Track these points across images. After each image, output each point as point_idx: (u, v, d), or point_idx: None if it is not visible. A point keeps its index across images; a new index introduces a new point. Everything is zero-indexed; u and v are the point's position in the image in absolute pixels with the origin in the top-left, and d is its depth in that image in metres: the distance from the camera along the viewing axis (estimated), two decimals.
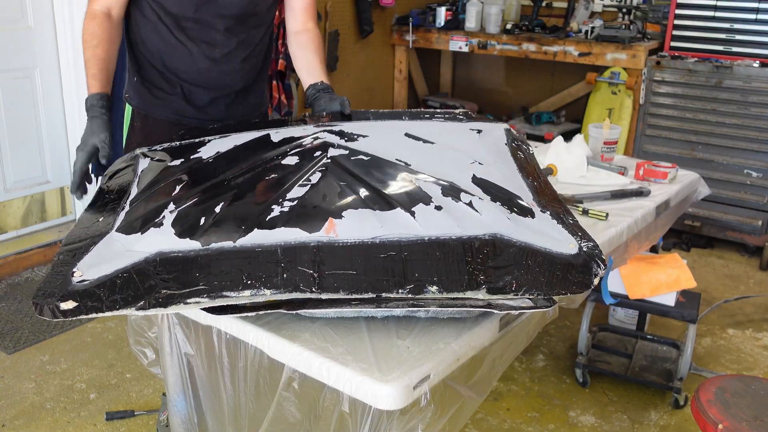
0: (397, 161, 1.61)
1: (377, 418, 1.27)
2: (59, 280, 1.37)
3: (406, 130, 1.80)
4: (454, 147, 1.74)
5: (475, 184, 1.56)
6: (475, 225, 1.42)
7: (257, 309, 1.35)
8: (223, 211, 1.45)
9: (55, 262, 1.44)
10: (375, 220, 1.40)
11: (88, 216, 1.61)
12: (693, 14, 3.89)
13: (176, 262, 1.36)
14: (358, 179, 1.53)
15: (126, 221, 1.49)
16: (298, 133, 1.76)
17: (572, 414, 2.57)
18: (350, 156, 1.62)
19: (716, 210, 3.92)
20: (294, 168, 1.58)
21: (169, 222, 1.45)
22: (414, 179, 1.54)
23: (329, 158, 1.60)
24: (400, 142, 1.72)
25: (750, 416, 1.69)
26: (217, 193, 1.52)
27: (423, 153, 1.68)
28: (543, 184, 1.71)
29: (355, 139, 1.71)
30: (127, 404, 2.58)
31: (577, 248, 1.45)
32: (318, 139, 1.70)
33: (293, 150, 1.66)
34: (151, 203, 1.53)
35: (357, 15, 4.60)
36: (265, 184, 1.55)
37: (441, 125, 1.90)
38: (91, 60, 1.81)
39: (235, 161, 1.66)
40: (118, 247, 1.42)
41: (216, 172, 1.61)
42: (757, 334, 3.13)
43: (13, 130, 3.46)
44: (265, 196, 1.49)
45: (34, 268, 3.57)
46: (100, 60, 1.81)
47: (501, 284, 1.35)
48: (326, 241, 1.36)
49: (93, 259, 1.40)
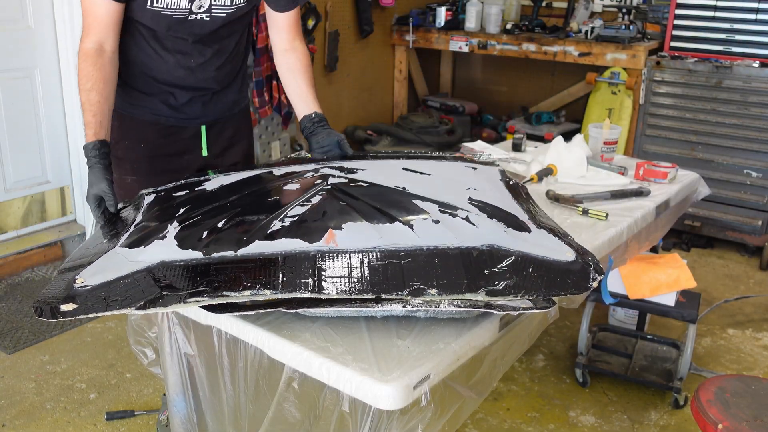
0: (395, 187, 1.67)
1: (377, 418, 1.28)
2: (61, 286, 1.41)
3: (403, 166, 1.87)
4: (450, 178, 1.81)
5: (471, 204, 1.61)
6: (473, 237, 1.45)
7: (257, 308, 1.36)
8: (225, 226, 1.51)
9: (55, 278, 1.48)
10: (374, 232, 1.43)
11: (91, 240, 1.66)
12: (693, 14, 3.89)
13: (178, 269, 1.40)
14: (358, 200, 1.58)
15: (130, 239, 1.54)
16: (300, 169, 1.83)
17: (572, 414, 2.57)
18: (350, 183, 1.68)
19: (716, 210, 3.92)
20: (295, 192, 1.64)
21: (172, 235, 1.50)
22: (411, 200, 1.59)
23: (329, 185, 1.66)
24: (397, 174, 1.78)
25: (750, 416, 1.69)
26: (220, 212, 1.58)
27: (420, 182, 1.74)
28: (539, 212, 1.77)
29: (354, 171, 1.77)
30: (127, 404, 2.58)
31: (574, 256, 1.47)
32: (319, 172, 1.77)
33: (294, 180, 1.74)
34: (155, 223, 1.59)
35: (357, 15, 4.60)
36: (266, 205, 1.60)
37: (437, 163, 1.99)
38: (85, 105, 1.79)
39: (238, 190, 1.74)
40: (121, 259, 1.46)
41: (219, 198, 1.68)
42: (757, 334, 3.13)
43: (13, 130, 3.46)
44: (266, 214, 1.54)
45: (34, 268, 3.57)
46: (93, 104, 1.79)
47: (500, 288, 1.36)
48: (326, 250, 1.39)
49: (95, 269, 1.45)
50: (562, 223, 2.05)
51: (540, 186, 2.38)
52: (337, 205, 1.55)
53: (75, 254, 1.58)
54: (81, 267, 1.47)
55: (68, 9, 3.44)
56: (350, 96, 4.79)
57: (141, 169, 2.03)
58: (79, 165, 3.69)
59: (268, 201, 1.63)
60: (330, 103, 4.49)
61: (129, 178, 2.06)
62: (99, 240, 1.61)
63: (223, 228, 1.50)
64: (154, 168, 1.85)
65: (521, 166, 2.55)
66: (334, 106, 4.61)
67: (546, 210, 2.15)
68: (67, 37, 3.49)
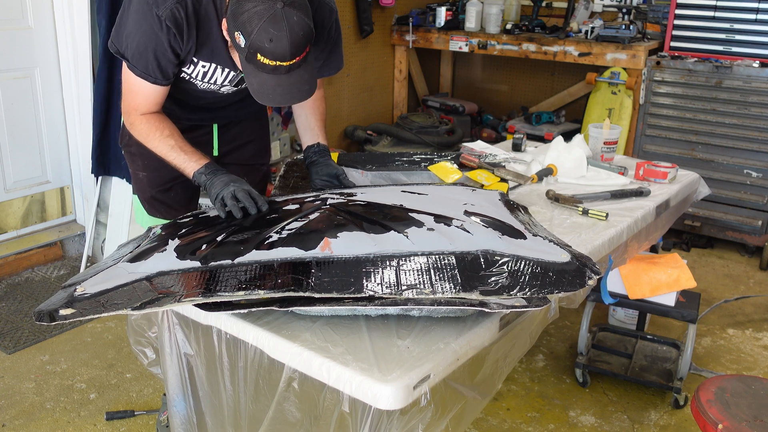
0: (392, 204, 1.70)
1: (377, 418, 1.28)
2: (62, 296, 1.47)
3: (401, 189, 1.91)
4: (447, 197, 1.84)
5: (466, 215, 1.63)
6: (468, 243, 1.48)
7: (251, 306, 1.38)
8: (223, 240, 1.55)
9: (57, 292, 1.53)
10: (369, 240, 1.46)
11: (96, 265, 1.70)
12: (693, 14, 3.89)
13: (175, 277, 1.44)
14: (355, 215, 1.61)
15: (132, 255, 1.59)
16: (300, 196, 1.89)
17: (572, 414, 2.57)
18: (348, 203, 1.71)
19: (716, 210, 3.92)
20: (294, 211, 1.68)
21: (172, 248, 1.55)
22: (407, 213, 1.62)
23: (327, 204, 1.70)
24: (395, 195, 1.82)
25: (750, 416, 1.69)
26: (220, 229, 1.62)
27: (417, 199, 1.77)
28: (537, 225, 1.79)
29: (353, 195, 1.81)
30: (127, 404, 2.58)
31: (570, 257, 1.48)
32: (319, 197, 1.81)
33: (294, 202, 1.78)
34: (156, 241, 1.64)
35: (357, 15, 4.60)
36: (265, 222, 1.64)
37: (436, 186, 2.04)
38: (174, 148, 1.85)
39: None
40: (122, 271, 1.51)
41: (220, 219, 1.72)
42: (757, 334, 3.13)
43: (13, 130, 3.46)
44: (265, 228, 1.57)
45: (34, 268, 3.57)
46: (180, 142, 1.86)
47: (495, 288, 1.37)
48: (322, 257, 1.41)
49: (96, 280, 1.50)
50: (562, 223, 2.05)
51: (540, 186, 2.38)
52: (335, 219, 1.58)
53: (80, 275, 1.61)
54: (84, 281, 1.51)
55: (68, 9, 3.43)
56: (350, 96, 4.79)
57: (151, 165, 2.07)
58: (78, 165, 3.69)
59: (267, 219, 1.66)
60: (330, 103, 4.49)
61: (140, 174, 2.13)
62: (105, 264, 1.64)
63: (221, 241, 1.53)
64: (165, 164, 1.87)
65: (521, 166, 2.55)
66: (334, 106, 4.61)
67: (546, 210, 2.16)
68: (67, 37, 3.49)
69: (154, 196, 2.13)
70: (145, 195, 2.15)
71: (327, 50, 1.98)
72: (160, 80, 1.80)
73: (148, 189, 2.13)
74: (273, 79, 1.66)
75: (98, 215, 3.61)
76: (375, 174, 2.33)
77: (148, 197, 2.15)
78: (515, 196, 2.26)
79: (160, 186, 2.11)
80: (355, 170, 2.31)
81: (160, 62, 1.76)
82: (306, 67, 1.69)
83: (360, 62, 4.76)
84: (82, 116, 3.56)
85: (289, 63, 1.62)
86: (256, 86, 1.69)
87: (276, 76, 1.65)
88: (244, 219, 1.69)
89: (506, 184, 2.30)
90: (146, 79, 1.79)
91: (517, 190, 2.34)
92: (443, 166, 2.41)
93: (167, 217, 2.13)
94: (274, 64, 1.62)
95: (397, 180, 2.32)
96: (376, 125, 4.74)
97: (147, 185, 2.12)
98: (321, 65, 2.00)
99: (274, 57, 1.60)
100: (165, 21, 1.69)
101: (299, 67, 1.66)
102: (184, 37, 1.73)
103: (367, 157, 2.46)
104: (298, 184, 2.21)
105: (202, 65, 1.84)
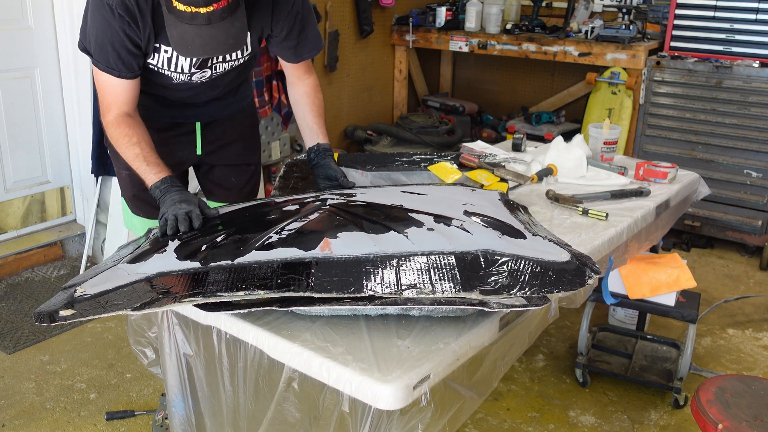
0: (392, 205, 1.70)
1: (377, 418, 1.28)
2: (62, 297, 1.47)
3: (401, 189, 1.91)
4: (447, 197, 1.84)
5: (466, 215, 1.63)
6: (467, 243, 1.48)
7: (250, 306, 1.38)
8: (223, 241, 1.55)
9: (57, 294, 1.53)
10: (369, 240, 1.46)
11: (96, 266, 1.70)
12: (693, 14, 3.89)
13: (175, 277, 1.44)
14: (355, 215, 1.61)
15: (132, 256, 1.60)
16: (300, 196, 1.89)
17: (572, 414, 2.57)
18: (348, 204, 1.71)
19: (716, 210, 3.92)
20: (294, 212, 1.68)
21: (172, 249, 1.55)
22: (407, 213, 1.62)
23: (327, 205, 1.70)
24: (395, 196, 1.82)
25: (750, 416, 1.69)
26: (220, 229, 1.63)
27: (416, 200, 1.77)
28: (537, 225, 1.79)
29: (353, 195, 1.81)
30: (127, 404, 2.58)
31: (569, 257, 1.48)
32: (319, 198, 1.81)
33: (294, 203, 1.78)
34: (157, 243, 1.64)
35: (357, 15, 4.60)
36: (265, 223, 1.64)
37: (437, 187, 2.04)
38: (138, 156, 1.82)
39: (239, 214, 1.79)
40: (122, 272, 1.51)
41: (220, 221, 1.73)
42: (757, 334, 3.13)
43: (13, 130, 3.46)
44: (264, 229, 1.57)
45: (34, 268, 3.57)
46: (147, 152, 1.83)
47: (495, 287, 1.37)
48: (321, 257, 1.42)
49: (96, 281, 1.50)
50: (562, 223, 2.05)
51: (540, 186, 2.38)
52: (335, 220, 1.58)
53: (80, 276, 1.62)
54: (83, 282, 1.51)
55: (68, 9, 3.44)
56: (350, 96, 4.79)
57: None
58: (78, 165, 3.69)
59: (267, 219, 1.66)
60: (330, 103, 4.49)
61: (124, 173, 2.12)
62: (105, 265, 1.64)
63: (221, 242, 1.53)
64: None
65: (521, 166, 2.55)
66: (334, 106, 4.61)
67: (546, 210, 2.16)
68: (67, 37, 3.49)
69: (137, 194, 2.11)
70: (128, 193, 2.14)
71: (297, 27, 1.93)
72: (125, 73, 1.78)
73: (131, 187, 2.11)
74: (193, 30, 1.60)
75: (98, 215, 3.61)
76: (375, 174, 2.33)
77: (131, 196, 2.14)
78: (515, 196, 2.26)
79: (142, 184, 2.09)
80: (355, 170, 2.31)
81: (119, 53, 1.74)
82: (233, 21, 1.63)
83: (360, 62, 4.76)
84: (82, 116, 3.56)
85: (207, 11, 1.57)
86: (177, 37, 1.63)
87: (196, 27, 1.59)
88: (242, 220, 1.69)
89: (506, 184, 2.30)
90: (111, 73, 1.77)
91: (517, 190, 2.34)
92: (443, 166, 2.41)
93: (150, 216, 2.11)
94: (189, 10, 1.56)
95: (397, 180, 2.31)
96: (376, 125, 4.74)
97: (130, 183, 2.10)
98: (296, 45, 1.96)
99: (188, 2, 1.56)
100: (116, 9, 1.67)
101: (223, 20, 1.60)
102: (139, 24, 1.71)
103: (367, 157, 2.46)
104: (298, 185, 2.21)
105: (165, 50, 1.81)
